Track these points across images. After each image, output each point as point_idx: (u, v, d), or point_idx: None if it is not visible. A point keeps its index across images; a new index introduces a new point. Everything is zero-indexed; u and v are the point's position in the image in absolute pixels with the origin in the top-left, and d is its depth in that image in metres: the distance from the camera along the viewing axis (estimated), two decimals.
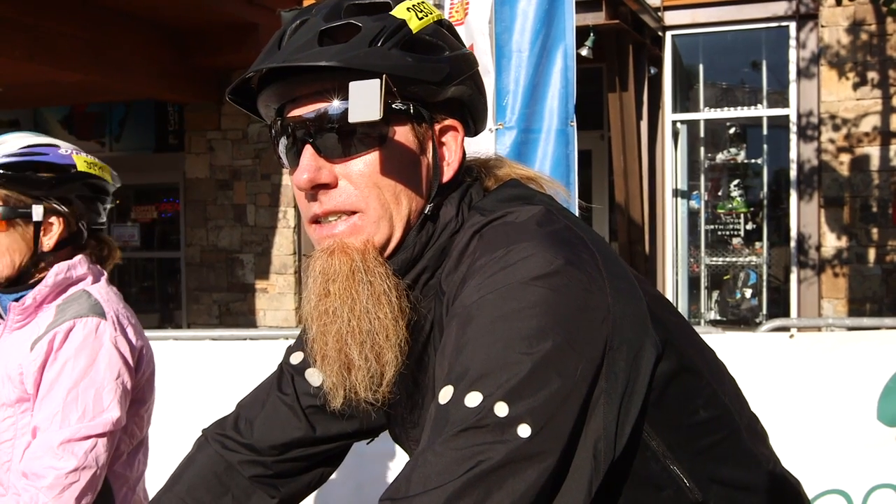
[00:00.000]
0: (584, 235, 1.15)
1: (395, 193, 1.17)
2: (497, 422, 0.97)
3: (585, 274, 1.06)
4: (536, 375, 0.99)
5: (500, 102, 3.89)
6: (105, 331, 1.91)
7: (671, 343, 1.14)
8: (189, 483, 1.41)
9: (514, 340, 1.00)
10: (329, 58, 1.11)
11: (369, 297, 1.13)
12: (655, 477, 1.13)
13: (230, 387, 3.45)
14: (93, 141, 12.42)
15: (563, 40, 3.88)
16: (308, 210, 1.19)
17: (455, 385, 1.01)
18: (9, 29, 8.04)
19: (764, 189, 9.76)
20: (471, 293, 1.06)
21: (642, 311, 1.11)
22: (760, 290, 9.68)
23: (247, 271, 10.96)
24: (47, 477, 1.77)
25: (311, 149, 1.16)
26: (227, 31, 9.67)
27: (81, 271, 2.01)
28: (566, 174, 3.89)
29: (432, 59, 1.18)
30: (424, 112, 1.19)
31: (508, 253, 1.07)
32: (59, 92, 10.80)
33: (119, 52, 9.26)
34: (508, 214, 1.15)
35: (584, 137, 7.30)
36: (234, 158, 10.85)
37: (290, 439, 1.41)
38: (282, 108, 1.20)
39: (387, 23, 1.15)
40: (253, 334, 4.50)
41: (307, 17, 1.17)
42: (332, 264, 1.15)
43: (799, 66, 9.04)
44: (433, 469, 0.97)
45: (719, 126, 9.98)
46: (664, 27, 9.47)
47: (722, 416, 1.19)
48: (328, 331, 1.15)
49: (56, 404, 1.83)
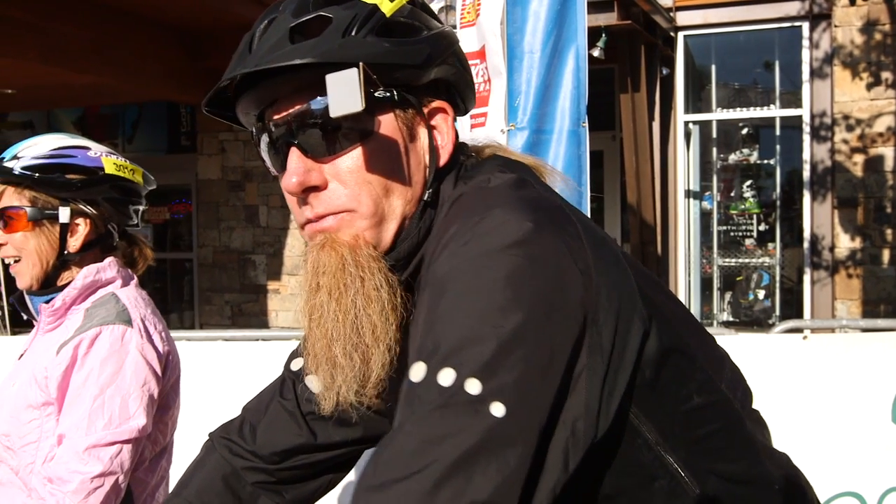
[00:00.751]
0: (563, 205, 1.10)
1: (387, 186, 1.12)
2: (469, 400, 0.91)
3: (563, 242, 1.00)
4: (510, 349, 0.93)
5: (512, 103, 3.89)
6: (131, 339, 1.91)
7: (661, 321, 1.08)
8: (197, 487, 1.40)
9: (488, 313, 0.94)
10: (303, 55, 1.07)
11: (358, 292, 1.09)
12: (648, 466, 1.07)
13: (242, 387, 3.46)
14: (106, 142, 12.40)
15: (575, 41, 3.87)
16: (300, 215, 1.15)
17: (427, 361, 0.95)
18: (22, 31, 8.08)
19: (777, 190, 9.72)
20: (443, 263, 1.01)
21: (629, 284, 1.05)
22: (773, 291, 9.64)
23: (259, 272, 10.99)
24: (72, 482, 1.78)
25: (296, 151, 1.12)
26: (238, 33, 9.43)
27: (111, 274, 2.01)
28: (578, 175, 3.88)
29: (410, 41, 1.13)
30: (410, 97, 1.14)
31: (483, 220, 1.01)
32: (72, 94, 10.85)
33: (131, 54, 9.30)
34: (486, 181, 1.12)
35: (596, 138, 7.29)
36: (246, 159, 10.88)
37: (290, 446, 1.38)
38: (262, 113, 1.16)
39: (358, 10, 1.11)
40: (265, 335, 4.51)
41: (275, 16, 1.13)
42: (321, 259, 1.11)
43: (812, 66, 9.00)
44: (405, 450, 0.91)
45: (732, 127, 9.94)
46: (676, 28, 9.44)
47: (718, 404, 1.14)
48: (317, 327, 1.12)
49: (82, 411, 1.83)
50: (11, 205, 1.97)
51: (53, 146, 2.01)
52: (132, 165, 2.11)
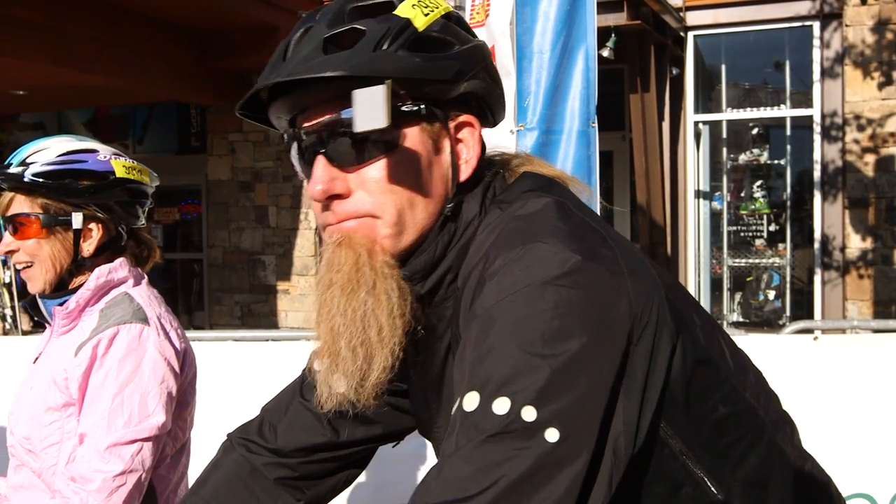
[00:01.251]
0: (600, 228, 1.13)
1: (410, 198, 1.14)
2: (524, 427, 0.95)
3: (606, 269, 1.04)
4: (563, 377, 0.97)
5: (522, 104, 3.89)
6: (149, 337, 1.91)
7: (688, 335, 1.12)
8: (215, 486, 1.42)
9: (539, 343, 0.98)
10: (335, 67, 1.09)
11: (369, 292, 1.12)
12: (673, 474, 1.11)
13: (253, 387, 3.47)
14: (116, 143, 12.51)
15: (585, 41, 3.87)
16: (323, 220, 1.18)
17: (480, 391, 0.99)
18: (33, 32, 8.12)
19: (787, 190, 9.69)
20: (490, 295, 1.04)
21: (661, 302, 1.09)
22: (784, 291, 9.61)
23: (268, 272, 11.01)
24: (95, 480, 1.79)
25: (323, 159, 1.14)
26: (248, 34, 9.71)
27: (122, 274, 2.01)
28: (587, 175, 3.88)
29: (441, 56, 1.15)
30: (437, 111, 1.16)
31: (525, 252, 1.04)
32: (83, 95, 10.89)
33: (141, 55, 9.33)
34: (524, 208, 1.13)
35: (606, 138, 7.27)
36: (256, 160, 10.90)
37: (313, 444, 1.41)
38: (293, 118, 1.19)
39: (391, 24, 1.13)
40: (275, 335, 4.52)
41: (311, 25, 1.15)
42: (338, 255, 1.13)
43: (823, 65, 8.97)
44: (460, 474, 0.96)
45: (742, 127, 9.91)
46: (686, 27, 9.42)
47: (742, 413, 1.16)
48: (326, 322, 1.13)
49: (102, 410, 1.84)
50: (23, 211, 1.96)
51: (62, 150, 2.00)
52: (139, 166, 2.11)
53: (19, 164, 1.97)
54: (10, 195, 1.98)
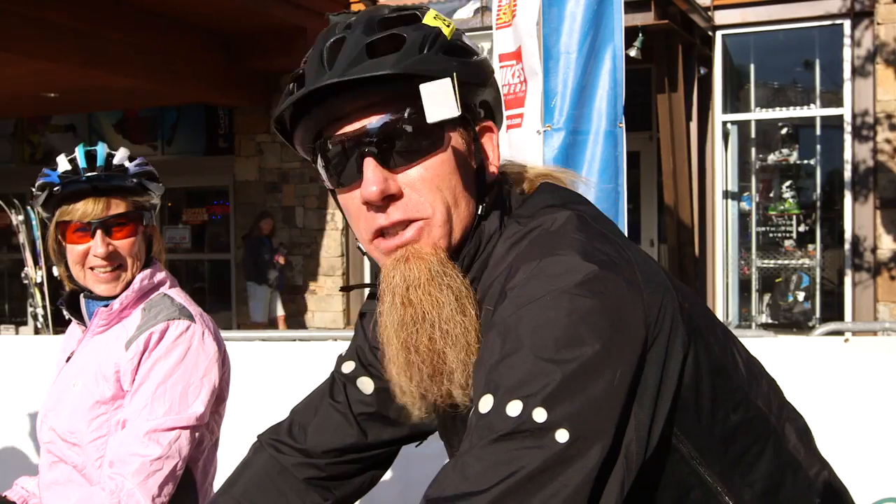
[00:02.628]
0: (617, 239, 1.15)
1: (455, 196, 1.18)
2: (535, 427, 0.98)
3: (622, 279, 1.07)
4: (574, 382, 1.00)
5: (548, 104, 3.88)
6: (195, 332, 1.99)
7: (701, 344, 1.14)
8: (245, 486, 1.45)
9: (552, 349, 1.01)
10: (390, 67, 1.12)
11: (451, 299, 1.14)
12: (684, 478, 1.13)
13: (281, 387, 3.49)
14: (145, 145, 12.64)
15: (612, 41, 3.86)
16: (371, 224, 1.18)
17: (495, 394, 1.02)
18: (64, 36, 8.23)
19: (817, 190, 9.60)
20: (509, 306, 1.07)
21: (674, 311, 1.11)
22: (813, 293, 9.52)
23: (296, 273, 11.07)
24: (133, 463, 1.84)
25: (373, 161, 1.15)
26: (275, 36, 9.78)
27: (161, 276, 2.09)
28: (615, 176, 3.86)
29: (471, 61, 1.20)
30: (467, 114, 1.20)
31: (545, 263, 1.07)
32: (113, 97, 11.02)
33: (170, 57, 9.43)
34: (543, 223, 1.16)
35: (633, 139, 7.25)
36: (283, 161, 10.96)
37: (342, 445, 1.44)
38: (319, 132, 1.21)
39: (425, 31, 1.17)
40: (302, 335, 4.54)
41: (342, 35, 1.18)
42: (410, 270, 1.15)
43: (854, 64, 8.87)
44: (472, 471, 0.99)
45: (771, 126, 9.83)
46: (714, 27, 9.36)
47: (754, 420, 1.18)
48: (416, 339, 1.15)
49: (145, 398, 1.90)
50: (120, 212, 2.00)
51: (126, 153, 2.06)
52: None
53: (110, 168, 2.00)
54: (103, 199, 1.99)
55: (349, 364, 1.46)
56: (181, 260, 12.69)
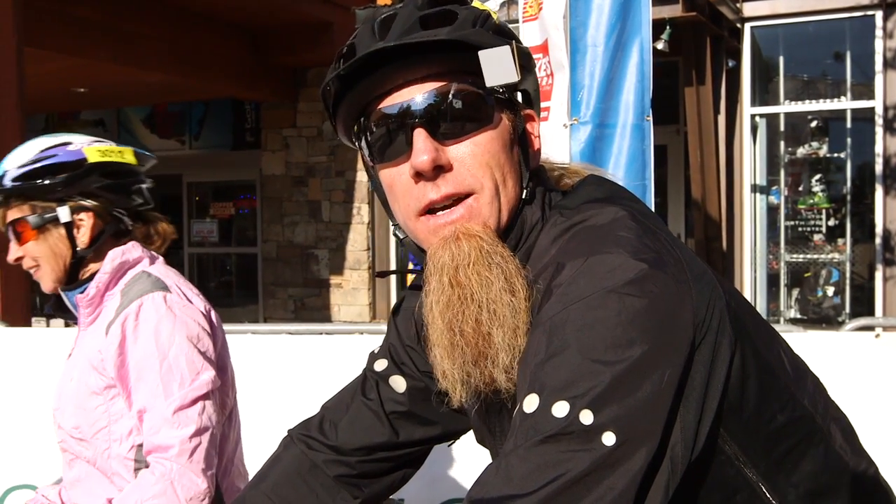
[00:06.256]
0: (666, 237, 1.13)
1: (503, 174, 1.17)
2: (582, 429, 0.96)
3: (672, 278, 1.05)
4: (623, 383, 0.98)
5: (575, 97, 3.86)
6: (173, 302, 1.97)
7: (747, 344, 1.12)
8: (275, 481, 1.44)
9: (601, 349, 0.99)
10: (448, 34, 1.12)
11: (501, 279, 1.11)
12: (729, 480, 1.12)
13: (307, 380, 3.50)
14: (173, 139, 12.74)
15: (639, 34, 3.83)
16: (422, 197, 1.15)
17: (540, 394, 1.00)
18: (94, 31, 8.30)
19: (847, 184, 9.48)
20: (555, 304, 1.05)
21: (722, 310, 1.09)
22: (843, 287, 9.41)
23: (321, 267, 11.11)
24: (174, 446, 1.84)
25: (423, 132, 1.14)
26: (303, 30, 9.81)
27: (136, 254, 2.06)
28: (642, 169, 3.84)
29: (520, 45, 1.20)
30: (513, 97, 1.20)
31: (593, 261, 1.05)
32: (141, 92, 11.11)
33: (198, 52, 9.48)
34: (590, 217, 1.13)
35: (660, 132, 7.20)
36: (310, 155, 11.00)
37: (373, 443, 1.42)
38: (363, 108, 1.19)
39: (476, 11, 1.18)
40: (328, 329, 4.56)
41: (393, 12, 1.17)
42: (460, 249, 1.12)
43: (885, 56, 8.75)
44: (517, 472, 0.97)
45: (800, 119, 9.72)
46: (743, 19, 9.26)
47: (800, 420, 1.16)
48: (462, 320, 1.12)
49: (154, 380, 1.89)
50: (15, 218, 2.05)
51: (34, 151, 2.06)
52: (119, 147, 2.14)
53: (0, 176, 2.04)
54: (1, 209, 2.06)
55: (382, 362, 1.45)
56: (208, 254, 12.78)
